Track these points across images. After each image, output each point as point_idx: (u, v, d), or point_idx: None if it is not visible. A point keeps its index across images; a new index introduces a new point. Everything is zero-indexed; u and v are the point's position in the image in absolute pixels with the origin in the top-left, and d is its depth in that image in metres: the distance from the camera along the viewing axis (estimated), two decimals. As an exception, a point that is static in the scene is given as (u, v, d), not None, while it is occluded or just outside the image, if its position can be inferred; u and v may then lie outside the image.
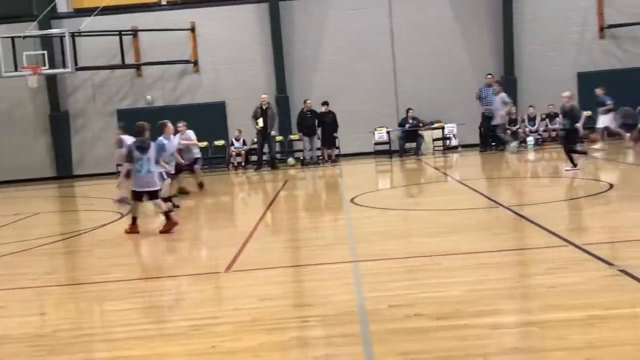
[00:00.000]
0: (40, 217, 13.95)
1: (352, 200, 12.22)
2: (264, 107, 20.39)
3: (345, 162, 21.19)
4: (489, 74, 21.09)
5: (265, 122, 20.22)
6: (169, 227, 10.05)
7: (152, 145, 10.43)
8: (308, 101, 21.03)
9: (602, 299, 5.33)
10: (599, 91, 19.14)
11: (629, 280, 5.80)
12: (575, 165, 13.99)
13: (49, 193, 19.58)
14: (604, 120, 19.37)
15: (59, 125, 22.56)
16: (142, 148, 10.20)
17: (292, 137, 22.06)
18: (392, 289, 6.13)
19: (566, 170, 14.03)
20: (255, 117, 20.39)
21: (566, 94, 14.63)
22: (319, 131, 21.03)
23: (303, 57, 22.68)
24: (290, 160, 21.62)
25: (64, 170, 22.65)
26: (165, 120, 11.76)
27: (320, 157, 21.22)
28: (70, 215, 14.95)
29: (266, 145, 20.70)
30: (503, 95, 20.27)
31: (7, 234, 11.64)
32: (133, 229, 10.28)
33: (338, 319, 5.36)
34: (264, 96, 20.58)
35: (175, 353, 4.92)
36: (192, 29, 22.43)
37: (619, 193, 11.05)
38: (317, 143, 21.22)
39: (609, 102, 19.22)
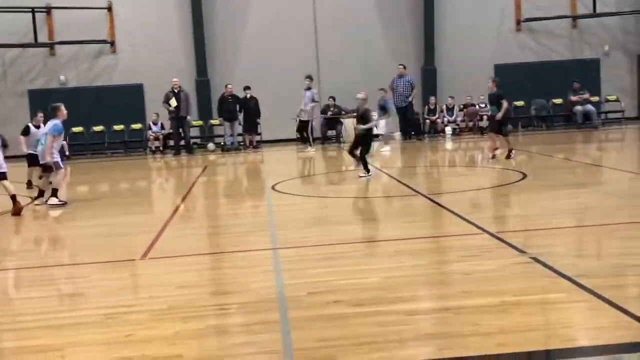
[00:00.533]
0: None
1: (273, 187, 12.17)
2: (175, 90, 20.06)
3: (267, 148, 21.10)
4: (400, 64, 21.35)
5: (178, 105, 19.87)
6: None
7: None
8: (229, 85, 20.80)
9: (514, 286, 5.48)
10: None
11: (539, 267, 5.99)
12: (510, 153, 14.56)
13: None
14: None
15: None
16: None
17: (212, 121, 21.78)
18: (312, 276, 6.13)
19: (492, 156, 14.54)
20: (167, 101, 20.02)
21: (491, 81, 15.08)
22: (240, 116, 20.84)
23: (225, 41, 22.40)
24: (210, 146, 21.35)
25: (-29, 151, 21.64)
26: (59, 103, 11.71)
27: (242, 143, 21.04)
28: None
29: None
30: (314, 91, 20.03)
31: None
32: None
33: (257, 306, 5.31)
34: (175, 80, 20.26)
35: (88, 341, 4.76)
36: (109, 8, 21.75)
37: (532, 182, 11.42)
38: (239, 129, 21.03)
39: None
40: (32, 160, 13.10)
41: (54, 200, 11.12)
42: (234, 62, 22.39)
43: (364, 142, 12.75)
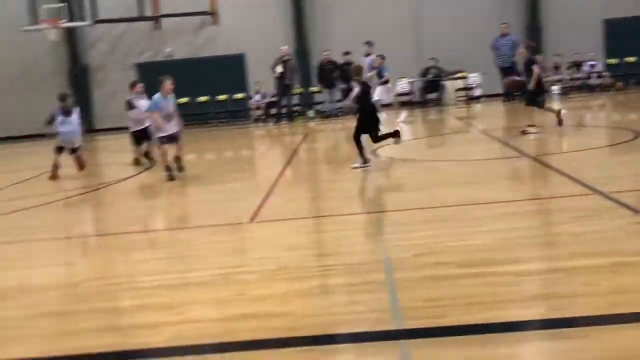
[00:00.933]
0: (63, 171, 14.05)
1: (373, 152, 12.17)
2: (284, 59, 20.22)
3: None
4: (504, 23, 20.61)
5: (284, 72, 20.06)
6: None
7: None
8: (326, 52, 20.81)
9: (628, 246, 5.30)
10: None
11: (656, 227, 5.75)
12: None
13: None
14: None
15: (79, 79, 22.58)
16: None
17: (312, 89, 21.91)
18: (417, 238, 6.13)
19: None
20: (274, 67, 20.26)
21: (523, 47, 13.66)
22: (339, 83, 20.84)
23: (323, 7, 22.39)
24: (311, 113, 21.52)
25: (85, 124, 22.70)
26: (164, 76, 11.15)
27: (341, 110, 21.09)
28: (92, 168, 15.04)
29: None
30: (372, 57, 19.08)
31: (34, 186, 11.77)
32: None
33: (362, 267, 5.38)
34: (283, 48, 20.40)
35: (203, 300, 4.98)
36: (211, -20, 22.16)
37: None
38: (338, 95, 21.07)
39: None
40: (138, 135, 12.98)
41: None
42: (333, 28, 22.36)
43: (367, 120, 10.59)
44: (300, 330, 4.22)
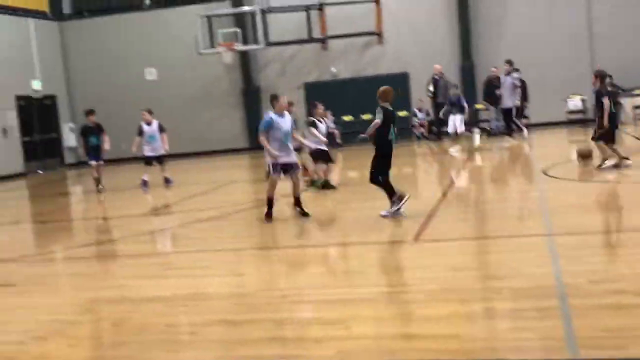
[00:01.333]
0: (235, 185, 14.79)
1: (543, 172, 11.70)
2: (436, 77, 20.17)
3: (535, 131, 20.29)
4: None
5: (436, 91, 20.00)
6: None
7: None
8: (493, 69, 20.33)
9: None
10: None
11: None
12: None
13: (243, 163, 20.66)
14: None
15: (251, 99, 23.66)
16: None
17: (477, 106, 21.49)
18: (591, 263, 5.81)
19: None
20: (428, 86, 20.32)
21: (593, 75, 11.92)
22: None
23: (490, 23, 21.94)
24: (476, 130, 21.09)
25: (255, 142, 23.72)
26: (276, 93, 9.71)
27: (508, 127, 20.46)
28: (263, 184, 15.67)
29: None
30: (514, 76, 18.14)
31: (208, 199, 12.46)
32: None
33: (533, 291, 5.17)
34: (436, 66, 20.33)
35: (369, 316, 5.01)
36: (377, 1, 22.42)
37: None
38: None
39: None
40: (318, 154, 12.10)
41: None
42: (499, 44, 21.83)
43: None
44: (466, 354, 4.12)
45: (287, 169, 9.23)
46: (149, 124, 14.49)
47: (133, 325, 5.33)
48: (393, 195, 8.73)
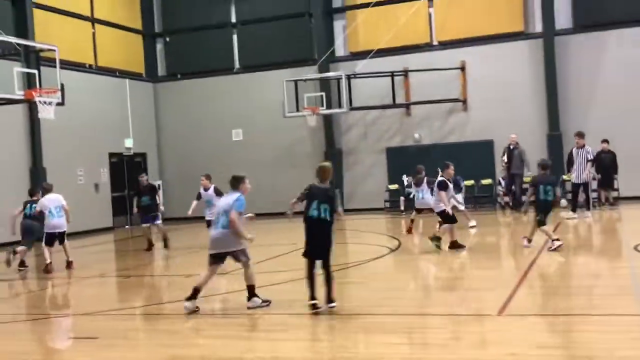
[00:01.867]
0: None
1: (635, 248, 11.21)
2: (511, 147, 20.00)
3: (626, 205, 19.57)
4: None
5: (510, 161, 19.87)
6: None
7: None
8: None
9: None
10: None
11: None
12: None
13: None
14: None
15: (333, 161, 23.76)
16: None
17: (564, 177, 20.97)
18: (691, 349, 5.46)
19: None
20: (503, 156, 20.30)
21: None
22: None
23: (578, 94, 21.55)
24: (563, 202, 20.52)
25: (341, 204, 23.83)
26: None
27: (597, 200, 19.85)
28: (341, 247, 15.64)
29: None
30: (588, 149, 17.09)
31: (288, 261, 12.50)
32: None
33: (627, 376, 4.90)
34: (512, 136, 20.18)
35: (450, 393, 4.85)
36: (462, 68, 22.49)
37: None
38: (593, 184, 19.88)
39: None
40: None
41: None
42: (588, 115, 21.38)
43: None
44: None
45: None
46: (206, 189, 14.96)
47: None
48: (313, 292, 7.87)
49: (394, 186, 22.56)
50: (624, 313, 6.98)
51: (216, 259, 8.40)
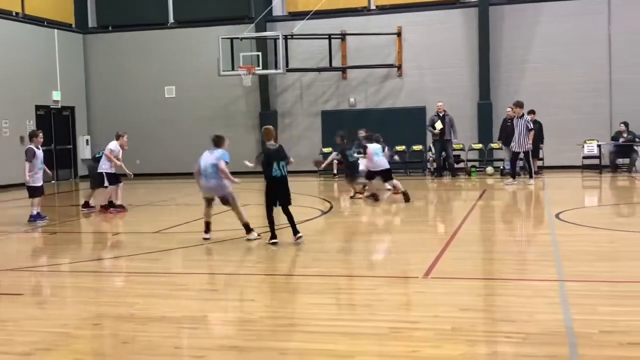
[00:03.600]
0: (247, 209, 14.76)
1: (556, 216, 11.66)
2: (440, 114, 20.46)
3: (550, 175, 20.27)
4: None
5: (443, 127, 20.29)
6: None
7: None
8: (508, 109, 20.41)
9: None
10: None
11: None
12: None
13: (256, 187, 20.62)
14: None
15: (268, 123, 23.63)
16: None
17: (492, 145, 21.51)
18: (603, 313, 5.76)
19: None
20: (432, 124, 20.67)
21: None
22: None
23: (510, 64, 22.04)
24: (489, 170, 21.08)
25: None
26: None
27: (522, 168, 20.46)
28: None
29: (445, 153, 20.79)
30: (527, 118, 18.06)
31: (218, 222, 12.45)
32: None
33: (543, 338, 5.13)
34: (439, 103, 20.65)
35: (376, 352, 4.98)
36: (398, 33, 22.61)
37: None
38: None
39: None
40: None
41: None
42: (518, 86, 21.92)
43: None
44: (474, 398, 4.08)
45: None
46: None
47: (142, 344, 5.32)
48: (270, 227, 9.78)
49: (328, 149, 22.63)
50: (544, 279, 7.27)
51: (209, 201, 10.43)
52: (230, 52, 21.71)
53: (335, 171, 21.57)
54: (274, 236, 9.67)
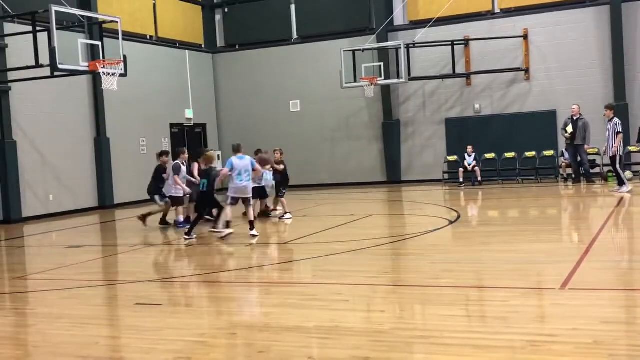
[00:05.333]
0: (373, 219, 14.83)
1: None
2: (574, 117, 19.50)
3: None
4: None
5: (574, 132, 19.30)
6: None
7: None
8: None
9: None
10: None
11: None
12: None
13: (380, 197, 20.70)
14: None
15: (391, 132, 23.74)
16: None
17: (630, 148, 20.37)
18: None
19: None
20: (564, 127, 19.72)
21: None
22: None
23: (647, 62, 20.82)
24: (628, 174, 19.95)
25: (392, 175, 23.75)
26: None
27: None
28: (399, 219, 15.64)
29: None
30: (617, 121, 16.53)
31: (345, 232, 12.56)
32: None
33: (697, 354, 4.78)
34: (573, 107, 19.69)
35: (513, 367, 4.82)
36: (525, 36, 21.94)
37: None
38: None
39: None
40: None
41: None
42: (656, 85, 20.68)
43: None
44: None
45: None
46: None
47: (276, 353, 5.43)
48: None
49: (453, 157, 22.30)
50: (693, 289, 6.79)
51: (235, 201, 12.47)
52: (353, 64, 21.89)
53: (461, 179, 21.21)
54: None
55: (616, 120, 16.79)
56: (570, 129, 19.64)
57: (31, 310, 7.81)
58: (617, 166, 16.67)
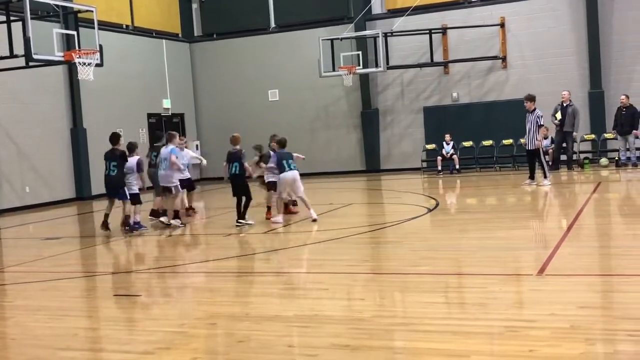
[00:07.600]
0: (352, 208, 14.86)
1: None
2: (564, 104, 19.60)
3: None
4: None
5: (563, 119, 19.38)
6: None
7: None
8: (622, 97, 19.49)
9: None
10: None
11: None
12: None
13: (359, 185, 20.74)
14: None
15: (369, 121, 23.76)
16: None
17: (605, 135, 20.59)
18: None
19: None
20: (554, 114, 19.80)
21: None
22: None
23: (622, 50, 21.01)
24: (603, 161, 20.18)
25: (371, 164, 23.80)
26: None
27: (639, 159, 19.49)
28: (379, 207, 15.69)
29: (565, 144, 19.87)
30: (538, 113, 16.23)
31: (324, 221, 12.56)
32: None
33: (671, 337, 4.86)
34: (564, 93, 19.76)
35: (492, 352, 4.88)
36: (502, 24, 22.04)
37: None
38: (636, 143, 19.52)
39: None
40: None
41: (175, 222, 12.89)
42: (632, 72, 20.87)
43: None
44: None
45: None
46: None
47: (256, 343, 5.44)
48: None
49: (432, 146, 22.39)
50: (667, 274, 6.89)
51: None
52: (331, 53, 21.85)
53: (439, 167, 21.31)
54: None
55: (538, 112, 16.27)
56: (559, 115, 19.71)
57: (9, 302, 7.74)
58: (542, 158, 16.34)
